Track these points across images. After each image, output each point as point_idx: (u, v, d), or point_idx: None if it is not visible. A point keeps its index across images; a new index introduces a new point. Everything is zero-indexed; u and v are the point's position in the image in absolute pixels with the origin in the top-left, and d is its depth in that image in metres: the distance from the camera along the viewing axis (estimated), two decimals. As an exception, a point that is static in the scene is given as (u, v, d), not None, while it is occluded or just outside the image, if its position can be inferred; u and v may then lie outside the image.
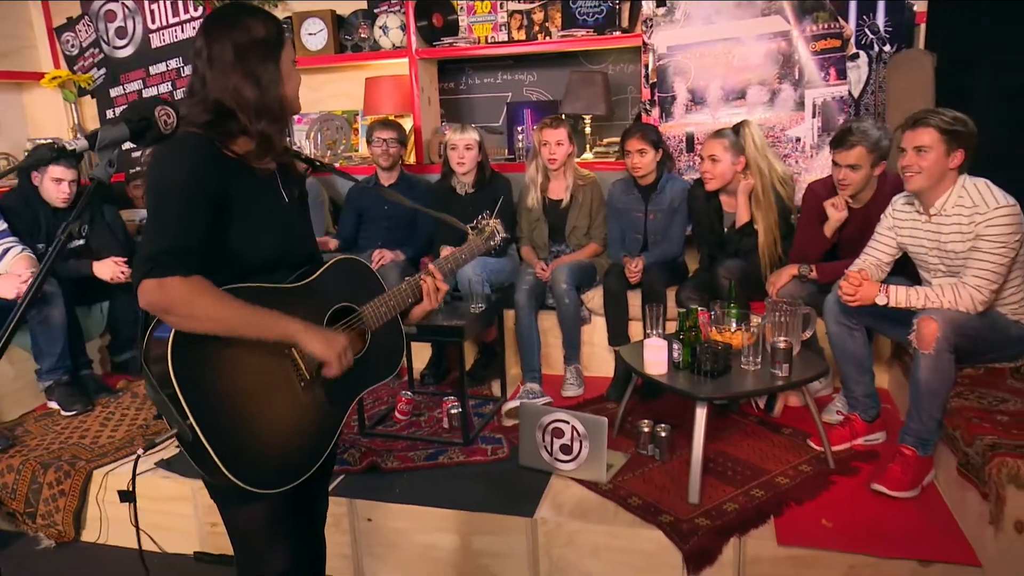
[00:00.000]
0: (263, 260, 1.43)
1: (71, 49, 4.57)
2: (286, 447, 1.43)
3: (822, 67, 3.47)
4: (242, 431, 1.36)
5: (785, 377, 2.41)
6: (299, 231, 1.55)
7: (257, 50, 1.37)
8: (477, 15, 4.15)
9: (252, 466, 1.37)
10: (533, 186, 3.55)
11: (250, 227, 1.40)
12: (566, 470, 2.54)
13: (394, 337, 1.66)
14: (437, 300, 1.69)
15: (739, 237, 3.13)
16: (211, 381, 1.33)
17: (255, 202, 1.41)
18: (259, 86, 1.36)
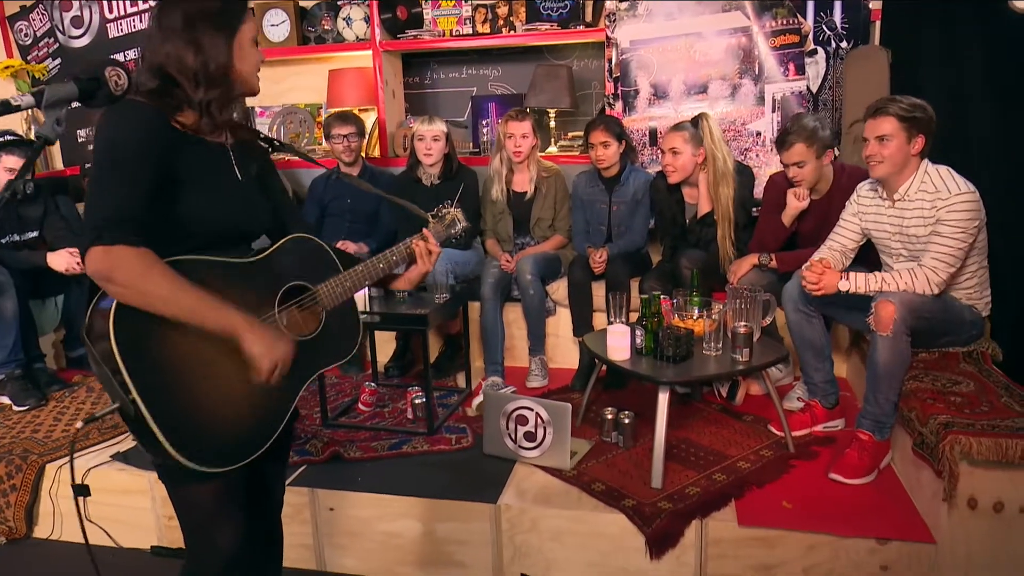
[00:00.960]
0: (215, 234, 1.41)
1: (24, 38, 4.46)
2: (233, 426, 1.40)
3: (781, 62, 3.54)
4: (187, 408, 1.33)
5: (746, 362, 2.44)
6: (256, 208, 1.51)
7: (207, 20, 1.35)
8: (442, 8, 4.15)
9: (197, 444, 1.33)
10: (497, 178, 3.55)
11: (199, 199, 1.37)
12: (530, 457, 2.54)
13: (350, 319, 1.63)
14: (431, 262, 1.68)
15: (700, 228, 3.17)
16: (155, 355, 1.30)
17: (204, 174, 1.39)
18: (201, 54, 1.34)
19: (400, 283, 1.73)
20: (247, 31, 1.40)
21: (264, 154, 1.61)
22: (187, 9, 1.34)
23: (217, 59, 1.35)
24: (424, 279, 1.73)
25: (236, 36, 1.38)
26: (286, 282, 1.49)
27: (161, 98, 1.34)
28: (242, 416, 1.40)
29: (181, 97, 1.36)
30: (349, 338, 1.62)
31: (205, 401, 1.35)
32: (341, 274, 1.56)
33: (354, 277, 1.58)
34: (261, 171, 1.56)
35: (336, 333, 1.57)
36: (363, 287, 1.61)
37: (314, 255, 1.57)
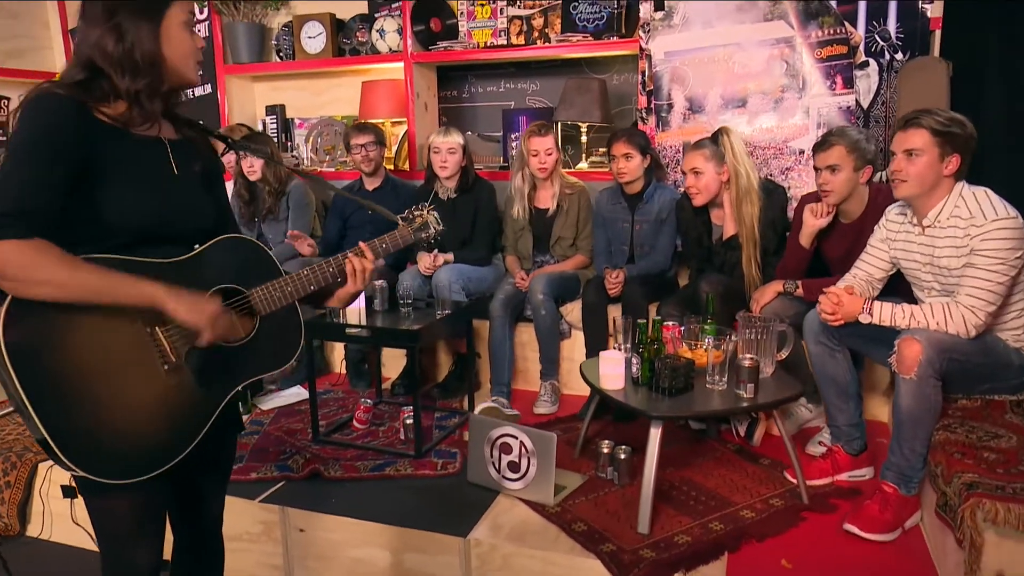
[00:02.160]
0: (142, 231, 1.33)
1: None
2: (140, 435, 1.31)
3: (828, 75, 3.26)
4: (85, 414, 1.25)
5: (750, 399, 2.19)
6: (195, 207, 1.43)
7: (129, 6, 1.29)
8: (477, 20, 4.07)
9: (96, 453, 1.25)
10: (519, 196, 3.42)
11: (121, 195, 1.30)
12: (513, 489, 2.36)
13: (290, 325, 1.53)
14: (361, 281, 1.57)
15: (725, 251, 2.93)
16: (51, 357, 1.22)
17: (129, 169, 1.31)
18: (123, 41, 1.28)
19: (332, 301, 1.61)
20: (175, 15, 1.33)
21: (213, 154, 1.53)
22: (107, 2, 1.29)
23: (142, 46, 1.29)
24: (352, 300, 1.62)
25: (162, 22, 1.31)
26: (215, 284, 1.40)
27: (87, 90, 1.29)
28: (151, 425, 1.32)
29: (108, 88, 1.30)
30: (287, 346, 1.53)
31: (107, 409, 1.27)
32: (281, 279, 1.47)
33: (294, 283, 1.48)
34: (208, 170, 1.49)
35: (272, 339, 1.48)
36: (304, 294, 1.50)
37: (251, 257, 1.48)
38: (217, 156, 1.55)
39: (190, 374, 1.36)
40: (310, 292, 1.51)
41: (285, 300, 1.47)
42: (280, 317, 1.48)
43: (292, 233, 3.49)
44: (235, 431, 1.63)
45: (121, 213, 1.30)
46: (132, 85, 1.29)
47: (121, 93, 1.30)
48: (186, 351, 1.34)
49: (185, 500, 1.57)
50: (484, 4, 4.05)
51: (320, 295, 1.59)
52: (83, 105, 1.27)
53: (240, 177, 3.60)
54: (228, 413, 1.51)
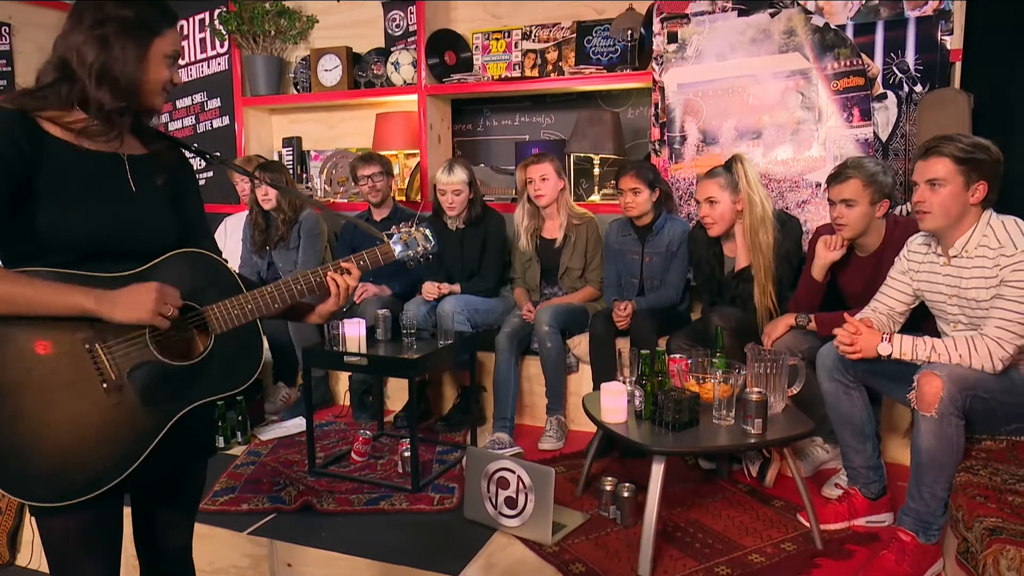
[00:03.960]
0: (87, 249, 1.28)
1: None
2: (74, 455, 1.25)
3: (844, 107, 3.20)
4: (13, 433, 1.21)
5: (758, 435, 2.08)
6: (152, 223, 1.37)
7: (120, 23, 1.28)
8: (492, 54, 4.09)
9: (25, 474, 1.20)
10: (520, 230, 3.37)
11: (62, 211, 1.26)
12: (509, 526, 2.26)
13: (248, 346, 1.43)
14: (344, 297, 1.50)
15: (737, 283, 2.83)
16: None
17: (74, 185, 1.28)
18: (105, 51, 1.27)
19: (312, 317, 1.55)
20: (161, 46, 1.33)
21: (186, 170, 1.50)
22: (103, 9, 1.29)
23: (124, 65, 1.28)
24: (332, 317, 1.56)
25: (150, 48, 1.31)
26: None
27: (45, 97, 1.27)
28: (86, 445, 1.25)
29: (72, 94, 1.28)
30: (244, 368, 1.42)
31: (39, 428, 1.22)
32: (240, 296, 1.39)
33: (256, 300, 1.40)
34: (176, 186, 1.45)
35: (227, 359, 1.39)
36: (269, 312, 1.41)
37: (207, 272, 1.40)
38: (190, 172, 1.52)
39: (133, 393, 1.29)
40: (275, 311, 1.43)
41: (245, 318, 1.39)
42: (238, 337, 1.40)
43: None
44: (204, 458, 1.56)
45: (63, 229, 1.26)
46: (103, 98, 1.28)
47: (88, 102, 1.28)
48: (130, 368, 1.29)
49: (147, 527, 1.50)
50: (499, 38, 4.07)
51: (298, 311, 1.54)
52: (29, 119, 1.26)
53: (255, 205, 3.61)
54: (197, 438, 1.45)
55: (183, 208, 1.46)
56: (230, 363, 1.40)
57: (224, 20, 4.29)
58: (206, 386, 1.37)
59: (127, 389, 1.29)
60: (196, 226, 1.49)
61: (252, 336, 1.43)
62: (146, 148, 1.42)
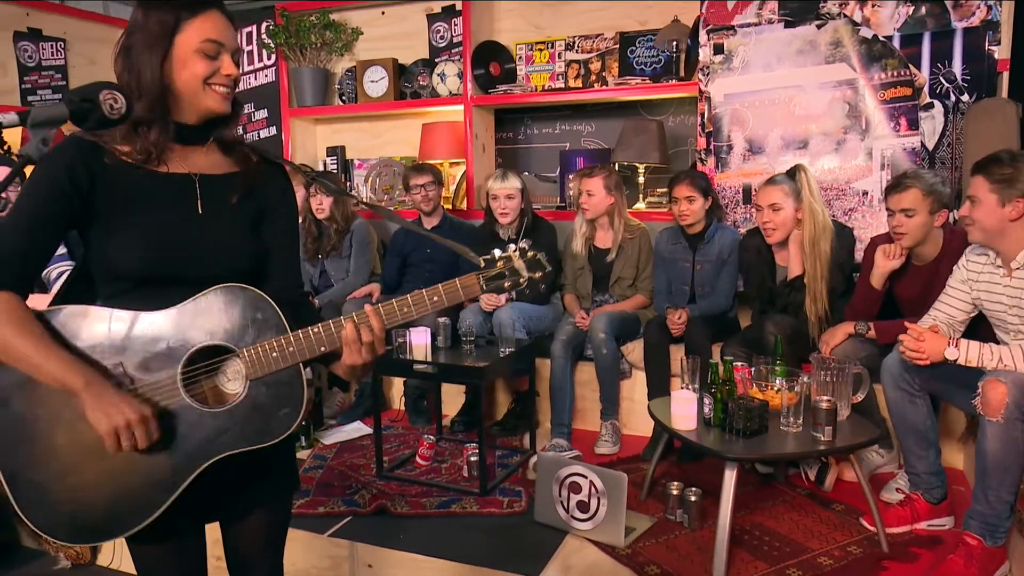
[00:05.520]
0: (144, 274, 1.23)
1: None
2: (90, 499, 1.22)
3: (892, 117, 3.26)
4: (40, 469, 1.20)
5: (828, 442, 2.15)
6: (216, 248, 1.28)
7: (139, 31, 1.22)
8: (535, 65, 4.17)
9: (46, 510, 1.20)
10: (577, 234, 3.45)
11: (117, 236, 1.22)
12: (582, 529, 2.34)
13: (288, 393, 1.25)
14: (364, 355, 1.25)
15: (789, 291, 2.90)
16: (17, 405, 1.20)
17: (134, 209, 1.23)
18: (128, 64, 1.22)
19: (337, 368, 1.32)
20: (187, 41, 1.21)
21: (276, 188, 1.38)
22: (128, 27, 1.25)
23: (145, 74, 1.20)
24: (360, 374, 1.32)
25: (172, 49, 1.21)
26: (200, 340, 1.22)
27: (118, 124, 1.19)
28: (102, 490, 1.22)
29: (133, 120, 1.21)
30: (281, 419, 1.25)
31: (62, 467, 1.20)
32: (281, 337, 1.23)
33: (300, 342, 1.23)
34: (259, 206, 1.35)
35: (263, 410, 1.24)
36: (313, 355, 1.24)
37: (249, 310, 1.24)
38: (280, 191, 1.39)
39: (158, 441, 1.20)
40: (321, 353, 1.25)
41: (284, 362, 1.23)
42: (277, 384, 1.24)
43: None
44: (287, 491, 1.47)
45: (114, 255, 1.22)
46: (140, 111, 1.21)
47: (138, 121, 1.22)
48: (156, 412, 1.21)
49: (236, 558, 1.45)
50: (542, 49, 4.15)
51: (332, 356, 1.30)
52: (94, 145, 1.22)
53: (308, 214, 3.70)
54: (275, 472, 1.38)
55: (266, 230, 1.36)
56: (266, 411, 1.24)
57: (272, 33, 4.39)
58: (239, 436, 1.24)
59: None
60: (275, 249, 1.37)
61: (293, 382, 1.25)
62: (236, 167, 1.33)
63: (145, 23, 1.21)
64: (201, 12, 1.22)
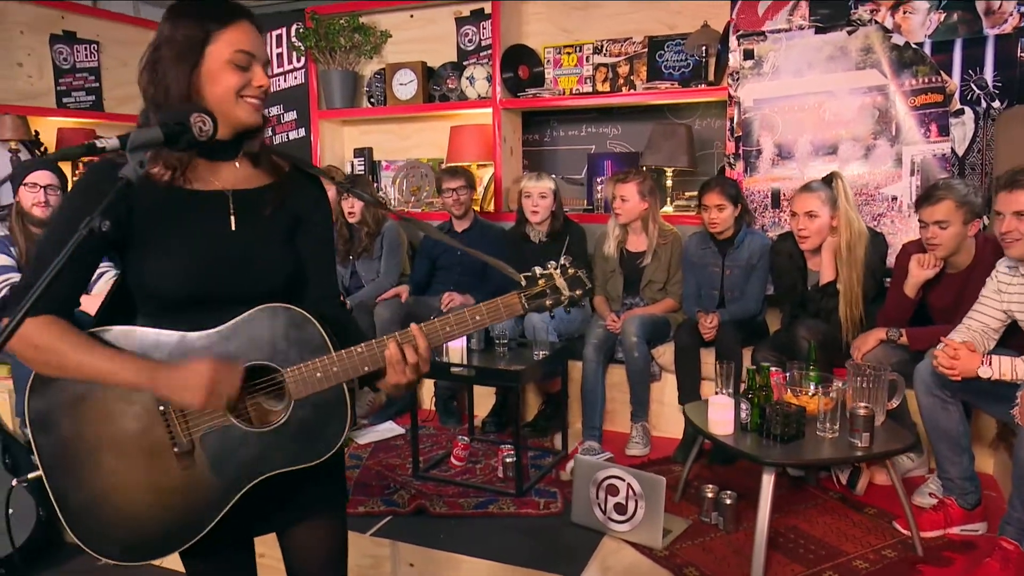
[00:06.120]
0: (178, 295, 1.22)
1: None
2: (140, 518, 1.23)
3: (922, 123, 3.27)
4: (90, 489, 1.21)
5: (865, 448, 2.19)
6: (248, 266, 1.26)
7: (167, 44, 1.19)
8: (563, 68, 4.21)
9: (96, 529, 1.22)
10: (610, 237, 3.49)
11: (148, 258, 1.21)
12: (619, 531, 2.39)
13: (332, 413, 1.25)
14: (408, 374, 1.24)
15: (821, 296, 2.93)
16: (67, 431, 1.21)
17: (166, 229, 1.21)
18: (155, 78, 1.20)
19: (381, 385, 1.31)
20: (218, 53, 1.19)
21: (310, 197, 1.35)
22: (156, 40, 1.22)
23: (173, 88, 1.18)
24: (404, 391, 1.31)
25: (201, 63, 1.19)
26: (244, 360, 1.22)
27: None
28: (152, 510, 1.23)
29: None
30: (325, 438, 1.25)
31: (112, 487, 1.22)
32: (324, 357, 1.22)
33: (344, 362, 1.22)
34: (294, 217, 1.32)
35: (307, 429, 1.25)
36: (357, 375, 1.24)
37: (293, 331, 1.23)
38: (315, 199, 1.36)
39: (205, 459, 1.23)
40: (365, 373, 1.24)
41: (327, 382, 1.22)
42: (321, 402, 1.23)
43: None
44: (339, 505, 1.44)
45: (147, 276, 1.21)
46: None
47: None
48: (203, 433, 1.23)
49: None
50: (570, 52, 4.19)
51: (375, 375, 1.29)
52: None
53: (339, 216, 3.76)
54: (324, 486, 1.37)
55: (303, 241, 1.33)
56: (311, 431, 1.25)
57: (302, 36, 4.44)
58: (283, 456, 1.24)
59: (199, 455, 1.23)
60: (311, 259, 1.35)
61: (337, 402, 1.25)
62: (267, 179, 1.31)
63: (173, 35, 1.18)
64: (232, 23, 1.19)
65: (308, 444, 1.24)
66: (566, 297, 1.28)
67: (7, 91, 3.94)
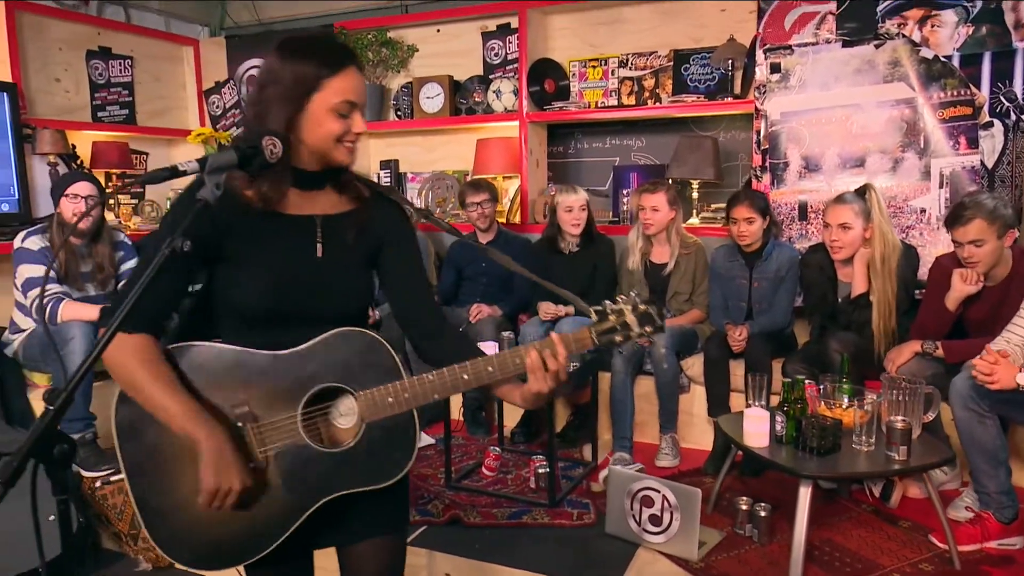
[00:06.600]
0: (260, 314, 1.28)
1: (215, 109, 5.02)
2: (212, 528, 1.28)
3: (951, 135, 3.28)
4: (169, 495, 1.27)
5: (903, 461, 2.20)
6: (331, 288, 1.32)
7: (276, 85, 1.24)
8: (588, 81, 4.25)
9: (172, 534, 1.28)
10: (633, 250, 3.51)
11: (235, 277, 1.27)
12: (654, 542, 2.40)
13: (400, 438, 1.30)
14: (548, 382, 1.27)
15: (852, 308, 2.94)
16: (150, 439, 1.27)
17: (254, 251, 1.27)
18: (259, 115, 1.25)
19: (513, 397, 1.33)
20: (324, 100, 1.23)
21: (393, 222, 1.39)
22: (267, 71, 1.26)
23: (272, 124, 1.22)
24: (543, 401, 1.33)
25: (307, 105, 1.23)
26: (319, 382, 1.27)
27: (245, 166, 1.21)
28: (224, 521, 1.27)
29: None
30: (393, 462, 1.30)
31: (189, 496, 1.26)
32: (396, 383, 1.28)
33: (415, 388, 1.27)
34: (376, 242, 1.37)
35: (377, 452, 1.29)
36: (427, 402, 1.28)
37: (367, 354, 1.28)
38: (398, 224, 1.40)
39: (277, 476, 1.27)
40: (434, 400, 1.29)
41: (397, 408, 1.27)
42: (391, 427, 1.28)
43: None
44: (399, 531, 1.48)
45: (243, 295, 1.27)
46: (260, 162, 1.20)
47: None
48: (276, 450, 1.28)
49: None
50: (595, 66, 4.23)
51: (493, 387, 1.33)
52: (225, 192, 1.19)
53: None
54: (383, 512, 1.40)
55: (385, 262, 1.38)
56: (379, 454, 1.30)
57: (330, 50, 4.50)
58: (352, 477, 1.29)
59: (272, 471, 1.27)
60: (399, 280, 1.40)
61: (406, 427, 1.30)
62: (351, 204, 1.35)
63: (281, 75, 1.22)
64: (341, 70, 1.23)
65: (377, 467, 1.29)
66: (636, 334, 1.29)
67: (46, 106, 4.03)
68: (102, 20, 4.43)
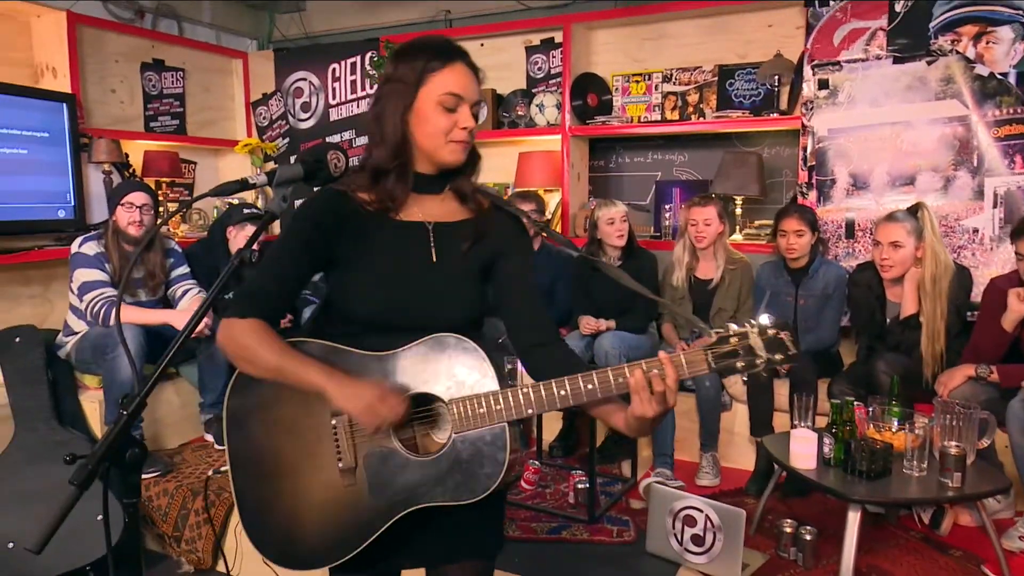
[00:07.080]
0: (372, 319, 1.28)
1: (263, 120, 5.12)
2: (300, 527, 1.29)
3: (1006, 154, 3.21)
4: (266, 488, 1.30)
5: (957, 488, 2.14)
6: (444, 296, 1.30)
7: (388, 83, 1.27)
8: (631, 96, 4.24)
9: (263, 528, 1.30)
10: (679, 265, 3.49)
11: (357, 282, 1.28)
12: (696, 563, 2.37)
13: (488, 453, 1.22)
14: (654, 407, 1.16)
15: (902, 329, 2.88)
16: (255, 433, 1.30)
17: (370, 257, 1.28)
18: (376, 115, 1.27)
19: (615, 420, 1.25)
20: (430, 93, 1.23)
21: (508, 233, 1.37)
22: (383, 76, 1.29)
23: (388, 124, 1.24)
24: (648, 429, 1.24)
25: (415, 101, 1.24)
26: (412, 387, 1.24)
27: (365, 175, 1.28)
28: (315, 520, 1.29)
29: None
30: (479, 478, 1.22)
31: (283, 491, 1.29)
32: (489, 393, 1.21)
33: (508, 400, 1.20)
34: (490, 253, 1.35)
35: (464, 466, 1.23)
36: (520, 417, 1.21)
37: (467, 361, 1.23)
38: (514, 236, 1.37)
39: (365, 479, 1.25)
40: (528, 416, 1.22)
41: (489, 420, 1.20)
42: (481, 440, 1.22)
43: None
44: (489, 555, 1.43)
45: (346, 299, 1.29)
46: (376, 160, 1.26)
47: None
48: (366, 452, 1.26)
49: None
50: (639, 81, 4.22)
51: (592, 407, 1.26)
52: (343, 196, 1.27)
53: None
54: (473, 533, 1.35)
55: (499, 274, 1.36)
56: (467, 468, 1.23)
57: (376, 64, 4.57)
58: (440, 489, 1.24)
59: (360, 474, 1.26)
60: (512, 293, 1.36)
61: (496, 442, 1.22)
62: (468, 213, 1.34)
63: (395, 73, 1.25)
64: (447, 64, 1.23)
65: (464, 481, 1.23)
66: (762, 361, 1.17)
67: (102, 116, 4.15)
68: (156, 33, 4.56)
